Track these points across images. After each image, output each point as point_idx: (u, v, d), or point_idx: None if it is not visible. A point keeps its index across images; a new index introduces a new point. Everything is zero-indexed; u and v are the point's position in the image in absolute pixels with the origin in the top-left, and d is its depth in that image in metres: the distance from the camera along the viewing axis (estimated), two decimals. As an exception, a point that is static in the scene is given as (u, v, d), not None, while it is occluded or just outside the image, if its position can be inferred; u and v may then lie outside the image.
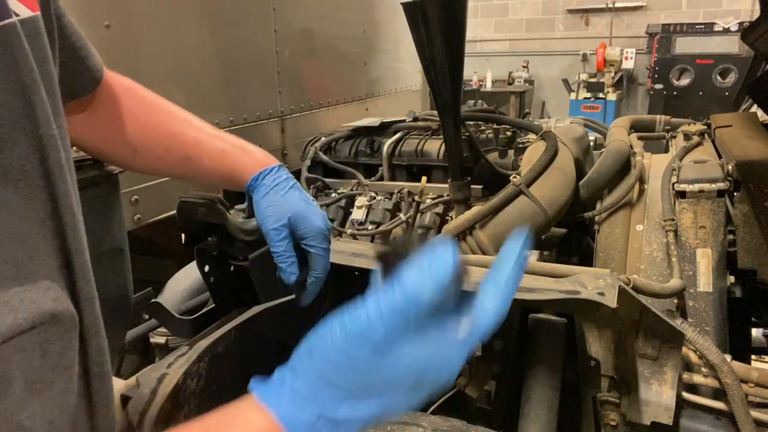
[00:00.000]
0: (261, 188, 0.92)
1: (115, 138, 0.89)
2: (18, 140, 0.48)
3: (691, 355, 1.10)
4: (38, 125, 0.50)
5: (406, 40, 1.53)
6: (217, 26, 1.93)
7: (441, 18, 1.40)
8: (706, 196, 1.41)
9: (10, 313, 0.45)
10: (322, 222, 0.93)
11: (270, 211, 0.90)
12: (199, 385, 0.96)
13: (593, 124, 2.38)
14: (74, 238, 0.54)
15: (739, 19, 6.57)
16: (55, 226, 0.52)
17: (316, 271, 0.93)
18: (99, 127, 0.87)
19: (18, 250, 0.47)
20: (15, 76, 0.48)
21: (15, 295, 0.46)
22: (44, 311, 0.48)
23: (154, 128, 0.92)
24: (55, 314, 0.50)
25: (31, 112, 0.49)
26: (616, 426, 1.05)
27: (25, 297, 0.47)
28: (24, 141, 0.49)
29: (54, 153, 0.52)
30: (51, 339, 0.50)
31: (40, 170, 0.50)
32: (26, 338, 0.47)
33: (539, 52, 8.08)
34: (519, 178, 1.45)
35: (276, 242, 0.89)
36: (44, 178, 0.51)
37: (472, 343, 0.48)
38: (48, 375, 0.50)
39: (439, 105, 1.57)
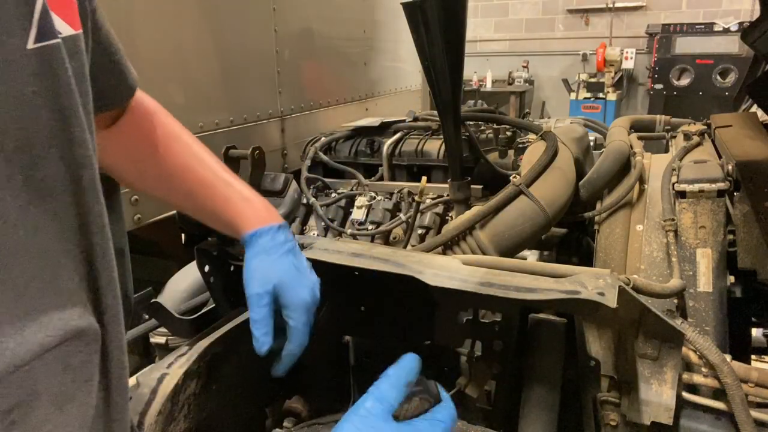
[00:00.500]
0: (255, 247, 0.88)
1: (126, 156, 0.88)
2: (52, 158, 0.48)
3: (691, 355, 1.10)
4: (73, 145, 0.50)
5: (406, 40, 1.53)
6: (217, 26, 1.93)
7: (441, 18, 1.40)
8: (706, 196, 1.41)
9: (40, 331, 0.46)
10: (309, 294, 0.89)
11: (256, 273, 0.86)
12: (199, 385, 0.96)
13: (593, 124, 2.38)
14: (103, 257, 0.54)
15: (739, 19, 6.57)
16: (83, 243, 0.52)
17: (292, 345, 0.89)
18: (114, 142, 0.85)
19: (46, 267, 0.47)
20: (55, 96, 0.48)
21: (44, 313, 0.47)
22: (71, 328, 0.49)
23: (167, 156, 0.89)
24: (80, 330, 0.50)
25: (68, 131, 0.49)
26: (616, 426, 1.05)
27: (54, 315, 0.47)
28: (57, 160, 0.49)
29: (88, 173, 0.52)
30: (72, 353, 0.50)
31: (72, 189, 0.50)
32: (51, 353, 0.47)
33: (539, 52, 8.08)
34: (519, 178, 1.44)
35: (254, 308, 0.85)
36: (75, 196, 0.51)
37: None
38: (69, 389, 0.50)
39: (439, 105, 1.57)
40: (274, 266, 0.87)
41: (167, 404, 0.88)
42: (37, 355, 0.46)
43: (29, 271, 0.47)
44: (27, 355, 0.45)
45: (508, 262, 1.10)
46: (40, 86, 0.46)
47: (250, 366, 1.10)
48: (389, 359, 1.31)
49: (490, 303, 1.07)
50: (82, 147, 0.51)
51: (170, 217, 1.73)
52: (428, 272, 0.97)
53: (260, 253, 0.87)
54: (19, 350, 0.45)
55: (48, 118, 0.47)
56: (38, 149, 0.47)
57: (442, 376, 1.24)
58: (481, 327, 1.13)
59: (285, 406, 1.25)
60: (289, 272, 0.87)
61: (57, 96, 0.48)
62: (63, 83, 0.48)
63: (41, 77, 0.46)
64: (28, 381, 0.46)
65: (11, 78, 0.44)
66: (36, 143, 0.46)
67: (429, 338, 1.21)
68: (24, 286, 0.46)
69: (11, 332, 0.45)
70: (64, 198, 0.50)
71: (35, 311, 0.47)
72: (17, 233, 0.46)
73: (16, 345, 0.45)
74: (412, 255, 1.10)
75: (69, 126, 0.49)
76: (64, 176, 0.49)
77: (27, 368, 0.45)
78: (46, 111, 0.47)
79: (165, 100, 0.91)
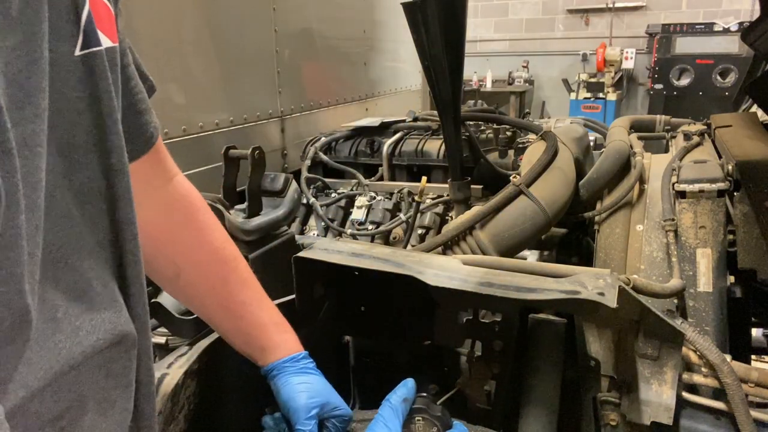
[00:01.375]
0: (291, 369, 0.88)
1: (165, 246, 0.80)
2: (90, 164, 0.49)
3: (691, 355, 1.10)
4: (111, 152, 0.51)
5: (406, 40, 1.53)
6: (217, 26, 1.93)
7: (441, 18, 1.39)
8: (706, 196, 1.41)
9: (93, 333, 0.47)
10: (349, 410, 0.92)
11: (303, 388, 0.85)
12: (199, 385, 0.96)
13: (593, 124, 2.38)
14: (135, 265, 0.55)
15: (739, 19, 6.57)
16: (115, 250, 0.53)
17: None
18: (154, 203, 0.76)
19: (86, 271, 0.48)
20: (96, 102, 0.49)
21: (98, 314, 0.48)
22: (118, 332, 0.50)
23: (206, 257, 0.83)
24: (124, 335, 0.51)
25: (106, 138, 0.51)
26: (616, 426, 1.05)
27: (105, 317, 0.48)
28: (96, 166, 0.50)
29: (122, 181, 0.53)
30: (114, 358, 0.51)
31: (107, 195, 0.52)
32: (98, 357, 0.48)
33: (539, 52, 8.08)
34: (519, 178, 1.44)
35: (304, 420, 0.82)
36: (110, 203, 0.52)
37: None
38: (112, 394, 0.51)
39: (439, 105, 1.57)
40: (317, 383, 0.87)
41: (167, 404, 0.88)
42: (88, 357, 0.46)
43: (87, 271, 0.48)
44: (80, 357, 0.46)
45: (508, 262, 1.10)
46: (84, 92, 0.48)
47: (250, 366, 1.10)
48: (389, 359, 1.32)
49: (490, 303, 1.07)
50: (118, 155, 0.52)
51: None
52: (428, 272, 0.97)
53: (300, 374, 0.87)
54: (74, 350, 0.45)
55: (89, 123, 0.49)
56: (79, 154, 0.48)
57: (442, 376, 1.24)
58: (481, 327, 1.13)
59: (285, 406, 1.25)
60: (330, 389, 0.89)
61: (98, 102, 0.49)
62: (103, 90, 0.50)
63: (85, 83, 0.48)
64: (77, 385, 0.46)
65: (60, 81, 0.46)
66: (78, 147, 0.48)
67: (429, 338, 1.21)
68: (85, 286, 0.47)
69: (69, 331, 0.45)
70: (100, 205, 0.51)
71: (90, 312, 0.47)
72: (75, 230, 0.47)
73: (72, 345, 0.45)
74: (412, 255, 1.10)
75: (107, 133, 0.51)
76: (100, 183, 0.50)
77: (77, 371, 0.46)
78: (87, 116, 0.49)
79: (165, 100, 0.91)
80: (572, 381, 1.11)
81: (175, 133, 1.90)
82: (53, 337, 0.43)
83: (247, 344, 0.89)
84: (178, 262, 0.82)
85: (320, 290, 1.18)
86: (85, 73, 0.48)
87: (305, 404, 0.82)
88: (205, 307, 0.88)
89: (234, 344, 0.91)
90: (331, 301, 1.21)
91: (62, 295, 0.45)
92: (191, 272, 0.83)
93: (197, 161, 1.99)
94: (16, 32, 0.40)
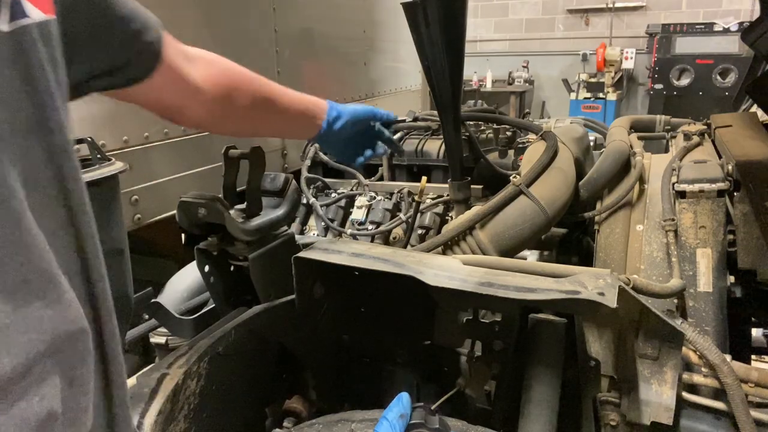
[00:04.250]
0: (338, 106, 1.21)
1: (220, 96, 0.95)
2: (33, 148, 0.47)
3: (691, 355, 1.10)
4: (52, 132, 0.49)
5: (406, 40, 1.53)
6: (216, 26, 1.93)
7: (441, 18, 1.39)
8: (706, 196, 1.41)
9: (23, 334, 0.44)
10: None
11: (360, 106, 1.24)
12: (199, 385, 0.96)
13: (593, 124, 2.38)
14: (92, 248, 0.53)
15: (739, 19, 6.57)
16: (71, 235, 0.51)
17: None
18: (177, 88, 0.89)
19: (35, 261, 0.45)
20: (29, 80, 0.47)
21: (35, 311, 0.44)
22: (62, 331, 0.47)
23: (232, 76, 1.00)
24: (72, 333, 0.48)
25: (44, 118, 0.48)
26: (616, 426, 1.05)
27: (43, 315, 0.45)
28: (39, 149, 0.47)
29: (68, 161, 0.50)
30: (75, 365, 0.48)
31: (56, 178, 0.49)
32: (49, 367, 0.45)
33: (539, 52, 8.08)
34: (519, 178, 1.44)
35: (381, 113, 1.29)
36: (59, 186, 0.50)
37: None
38: (81, 401, 0.49)
39: (439, 105, 1.57)
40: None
41: (167, 404, 0.88)
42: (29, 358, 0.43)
43: (34, 263, 0.45)
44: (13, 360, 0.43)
45: (508, 262, 1.10)
46: (17, 69, 0.45)
47: (250, 366, 1.10)
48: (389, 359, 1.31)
49: (490, 303, 1.07)
50: (61, 134, 0.49)
51: (170, 217, 1.73)
52: (428, 272, 0.97)
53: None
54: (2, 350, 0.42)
55: (27, 103, 0.46)
56: (21, 136, 0.45)
57: (442, 376, 1.24)
58: (481, 327, 1.13)
59: (285, 406, 1.25)
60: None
61: (33, 79, 0.47)
62: (37, 66, 0.47)
63: (17, 60, 0.45)
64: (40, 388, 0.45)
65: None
66: (19, 130, 0.45)
67: (429, 338, 1.21)
68: (27, 280, 0.44)
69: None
70: (48, 190, 0.48)
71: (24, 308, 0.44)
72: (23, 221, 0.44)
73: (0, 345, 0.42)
74: (412, 255, 1.10)
75: (45, 112, 0.48)
76: (46, 167, 0.48)
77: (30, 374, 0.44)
78: (24, 95, 0.46)
79: (165, 100, 0.91)
80: (572, 381, 1.11)
81: (174, 134, 1.90)
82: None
83: (300, 112, 1.15)
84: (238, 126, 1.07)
85: (320, 290, 1.18)
86: (14, 49, 0.45)
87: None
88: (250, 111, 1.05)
89: (291, 125, 1.16)
90: (331, 301, 1.21)
91: (4, 292, 0.42)
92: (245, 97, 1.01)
93: (197, 161, 1.99)
94: None
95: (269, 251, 1.13)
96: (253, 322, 1.08)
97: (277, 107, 1.08)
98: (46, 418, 0.44)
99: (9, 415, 0.41)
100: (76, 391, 0.48)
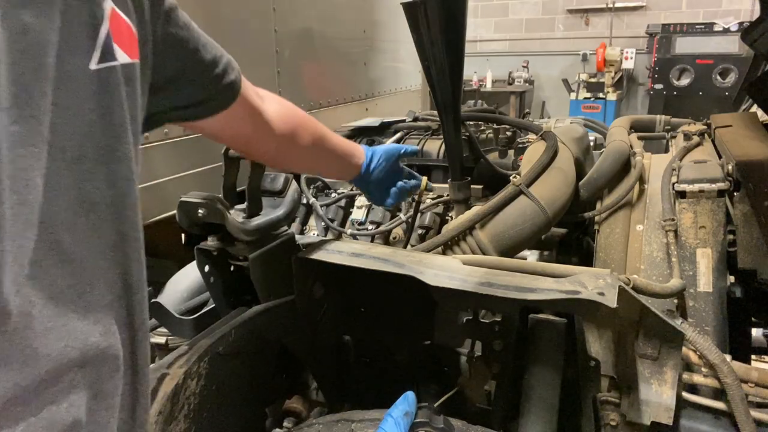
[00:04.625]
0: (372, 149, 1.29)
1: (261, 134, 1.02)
2: (97, 174, 0.51)
3: (691, 355, 1.10)
4: (118, 161, 0.53)
5: (406, 40, 1.53)
6: (216, 26, 1.93)
7: (441, 18, 1.39)
8: (706, 196, 1.41)
9: (61, 340, 0.47)
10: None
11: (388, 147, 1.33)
12: (199, 385, 0.96)
13: (593, 124, 2.38)
14: (137, 273, 0.57)
15: (739, 19, 6.57)
16: (118, 258, 0.54)
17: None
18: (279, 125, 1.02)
19: (79, 278, 0.49)
20: (109, 114, 0.52)
21: (69, 323, 0.48)
22: (92, 344, 0.50)
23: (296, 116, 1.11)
24: (101, 349, 0.51)
25: (113, 149, 0.53)
26: (616, 426, 1.05)
27: (77, 326, 0.48)
28: (102, 175, 0.52)
29: (127, 190, 0.55)
30: (103, 379, 0.51)
31: (113, 204, 0.53)
32: (79, 377, 0.48)
33: (539, 52, 8.08)
34: (519, 178, 1.44)
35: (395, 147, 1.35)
36: (115, 212, 0.54)
37: None
38: (103, 416, 0.51)
39: (439, 105, 1.57)
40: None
41: (167, 404, 0.88)
42: (56, 363, 0.46)
43: (84, 277, 0.49)
44: (49, 362, 0.46)
45: (508, 262, 1.10)
46: (97, 104, 0.50)
47: (250, 366, 1.10)
48: (389, 359, 1.31)
49: (490, 303, 1.07)
50: (127, 166, 0.54)
51: (170, 217, 1.73)
52: (428, 272, 0.97)
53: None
54: (42, 351, 0.45)
55: (99, 135, 0.51)
56: (89, 163, 0.50)
57: (442, 376, 1.24)
58: (481, 327, 1.13)
59: (285, 406, 1.25)
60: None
61: (110, 114, 0.52)
62: (116, 104, 0.53)
63: (98, 96, 0.50)
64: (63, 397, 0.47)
65: (74, 93, 0.48)
66: (87, 157, 0.50)
67: (429, 338, 1.21)
68: (76, 292, 0.48)
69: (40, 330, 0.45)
70: (104, 214, 0.52)
71: (61, 318, 0.47)
72: (77, 237, 0.49)
73: (40, 345, 0.45)
74: (412, 255, 1.10)
75: (117, 144, 0.53)
76: (106, 192, 0.52)
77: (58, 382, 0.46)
78: (98, 128, 0.51)
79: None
80: (572, 381, 1.11)
81: (175, 133, 1.90)
82: (24, 332, 0.43)
83: (343, 154, 1.22)
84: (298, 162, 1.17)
85: (320, 290, 1.18)
86: (98, 87, 0.50)
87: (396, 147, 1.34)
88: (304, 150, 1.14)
89: (336, 164, 1.23)
90: (331, 301, 1.21)
91: (45, 296, 0.45)
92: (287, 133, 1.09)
93: (197, 161, 1.99)
94: (27, 37, 0.43)
95: (269, 251, 1.13)
96: (253, 322, 1.08)
97: (328, 147, 1.17)
98: (71, 425, 0.46)
99: (38, 417, 0.44)
100: (100, 404, 0.51)
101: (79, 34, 0.49)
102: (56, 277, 0.46)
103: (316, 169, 1.33)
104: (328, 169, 1.28)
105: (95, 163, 0.51)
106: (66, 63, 0.47)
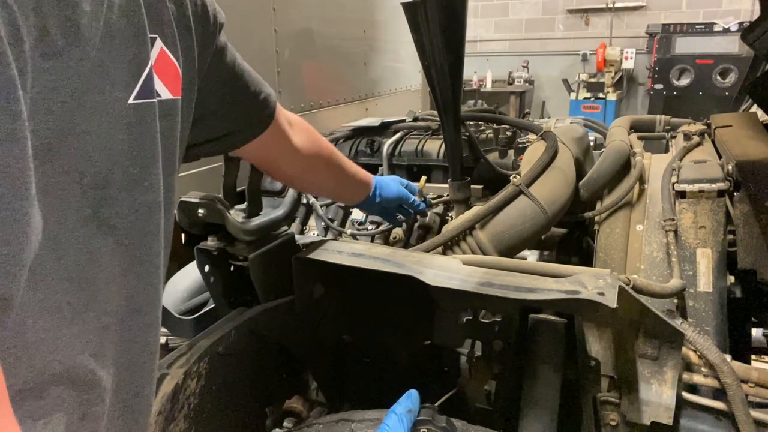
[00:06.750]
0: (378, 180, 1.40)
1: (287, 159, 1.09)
2: (122, 200, 0.53)
3: (691, 355, 1.10)
4: (144, 191, 0.55)
5: (406, 40, 1.53)
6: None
7: (441, 18, 1.39)
8: (706, 196, 1.41)
9: (49, 354, 0.47)
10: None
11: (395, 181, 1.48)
12: (199, 385, 0.96)
13: (593, 124, 2.38)
14: (150, 296, 0.58)
15: (739, 19, 6.57)
16: (129, 282, 0.55)
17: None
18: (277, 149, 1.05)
19: (79, 296, 0.50)
20: (139, 147, 0.54)
21: (61, 338, 0.48)
22: (79, 364, 0.50)
23: (320, 142, 1.17)
24: (90, 370, 0.51)
25: (141, 178, 0.55)
26: (616, 426, 1.05)
27: (68, 343, 0.49)
28: (126, 202, 0.53)
29: (149, 218, 0.56)
30: (91, 401, 0.51)
31: (132, 229, 0.55)
32: (65, 395, 0.48)
33: (539, 52, 8.08)
34: (519, 178, 1.44)
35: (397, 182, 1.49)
36: (136, 238, 0.55)
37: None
38: None
39: (439, 105, 1.57)
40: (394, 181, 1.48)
41: (167, 404, 0.88)
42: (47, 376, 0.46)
43: (67, 293, 0.48)
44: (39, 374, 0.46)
45: (508, 262, 1.10)
46: (130, 135, 0.52)
47: (250, 366, 1.10)
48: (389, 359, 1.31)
49: (490, 303, 1.07)
50: (152, 194, 0.56)
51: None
52: (428, 272, 0.97)
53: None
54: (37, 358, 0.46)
55: (129, 163, 0.53)
56: (112, 190, 0.51)
57: (442, 376, 1.24)
58: (481, 327, 1.13)
59: (285, 406, 1.25)
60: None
61: (142, 146, 0.54)
62: (149, 137, 0.55)
63: (132, 128, 0.52)
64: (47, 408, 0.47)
65: (108, 124, 0.50)
66: (113, 183, 0.51)
67: (429, 338, 1.21)
68: (58, 305, 0.48)
69: (33, 339, 0.45)
70: (124, 238, 0.53)
71: (59, 330, 0.48)
72: (92, 257, 0.50)
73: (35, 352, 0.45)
74: (412, 255, 1.10)
75: (145, 174, 0.55)
76: (128, 219, 0.54)
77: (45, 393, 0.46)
78: (128, 157, 0.52)
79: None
80: (572, 381, 1.11)
81: (175, 133, 1.90)
82: (14, 339, 0.44)
83: (358, 184, 1.33)
84: (319, 184, 1.27)
85: (320, 290, 1.18)
86: (134, 120, 0.52)
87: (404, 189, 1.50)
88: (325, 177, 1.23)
89: (351, 191, 1.35)
90: (331, 301, 1.21)
91: (42, 308, 0.46)
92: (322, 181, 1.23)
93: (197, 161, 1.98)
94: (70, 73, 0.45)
95: (269, 251, 1.13)
96: (253, 322, 1.08)
97: (345, 172, 1.27)
98: None
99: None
100: (86, 427, 0.51)
101: (123, 71, 0.51)
102: (56, 291, 0.47)
103: (333, 194, 1.48)
104: (341, 192, 1.38)
105: (120, 189, 0.52)
106: (105, 95, 0.49)
